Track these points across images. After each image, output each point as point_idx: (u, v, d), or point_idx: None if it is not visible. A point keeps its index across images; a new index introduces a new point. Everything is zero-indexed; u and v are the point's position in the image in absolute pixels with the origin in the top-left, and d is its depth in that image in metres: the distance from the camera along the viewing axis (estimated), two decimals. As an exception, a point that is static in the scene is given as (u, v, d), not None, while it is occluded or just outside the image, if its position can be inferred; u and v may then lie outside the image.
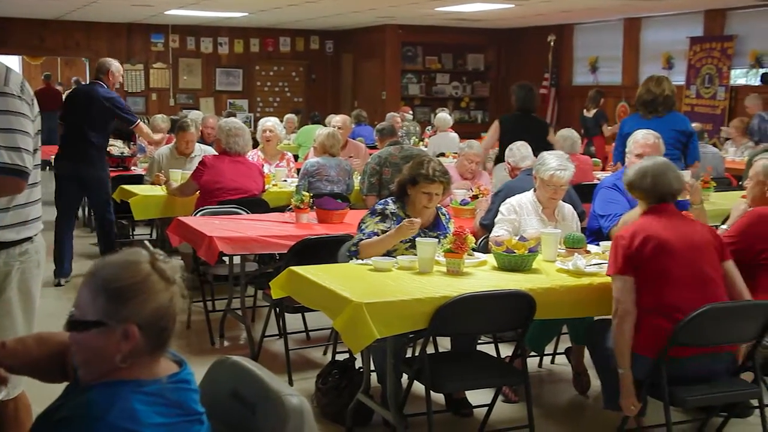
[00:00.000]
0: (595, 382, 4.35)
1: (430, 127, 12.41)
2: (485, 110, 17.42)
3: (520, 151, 5.86)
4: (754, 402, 3.96)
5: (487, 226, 5.27)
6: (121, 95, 7.67)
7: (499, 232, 4.67)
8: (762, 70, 12.07)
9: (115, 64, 6.93)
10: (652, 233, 3.57)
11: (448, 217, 4.55)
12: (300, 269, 3.95)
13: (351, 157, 7.95)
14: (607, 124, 12.24)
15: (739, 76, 12.48)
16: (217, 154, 6.56)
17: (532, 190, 4.82)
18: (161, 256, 1.93)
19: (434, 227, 4.36)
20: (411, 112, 13.81)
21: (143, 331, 1.84)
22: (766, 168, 4.05)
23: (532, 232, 4.28)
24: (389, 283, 3.71)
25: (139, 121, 7.18)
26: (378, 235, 4.24)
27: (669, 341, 3.43)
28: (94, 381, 1.87)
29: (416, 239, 4.01)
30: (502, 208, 4.82)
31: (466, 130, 14.44)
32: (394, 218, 4.30)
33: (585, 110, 12.28)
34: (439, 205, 4.48)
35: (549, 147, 6.16)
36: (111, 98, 6.82)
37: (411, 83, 16.94)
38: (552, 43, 15.35)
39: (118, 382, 1.84)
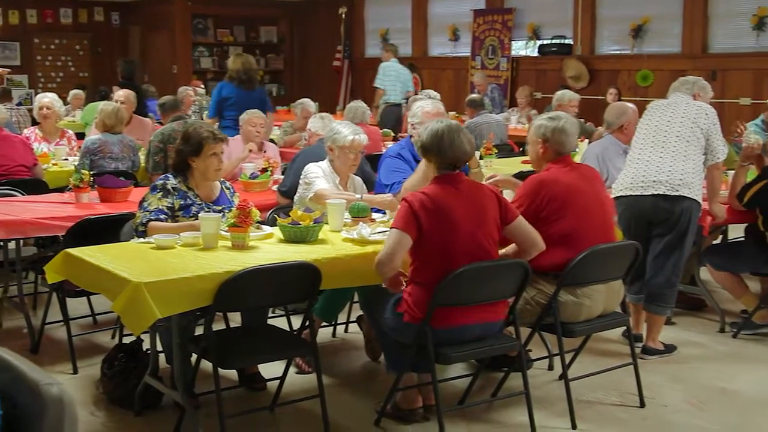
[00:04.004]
0: (386, 348, 4.45)
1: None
2: (280, 83, 17.35)
3: (323, 120, 6.02)
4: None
5: (286, 192, 5.29)
6: None
7: (323, 185, 4.71)
8: (539, 42, 12.73)
9: None
10: (442, 205, 3.59)
11: (232, 190, 4.50)
12: (76, 251, 3.76)
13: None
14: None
15: (520, 48, 13.10)
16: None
17: (327, 160, 4.86)
18: None
19: (218, 201, 4.29)
20: (203, 86, 13.46)
21: None
22: (537, 128, 4.21)
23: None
24: (171, 260, 3.60)
25: None
26: (163, 212, 4.13)
27: (430, 303, 3.53)
28: None
29: (199, 214, 3.92)
30: (314, 168, 4.84)
31: (261, 103, 14.29)
32: (177, 193, 4.19)
33: None
34: (222, 179, 4.43)
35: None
36: None
37: (203, 56, 16.57)
38: (343, 16, 15.46)
39: None
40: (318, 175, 4.79)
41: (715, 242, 6.02)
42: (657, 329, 4.90)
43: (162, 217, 4.12)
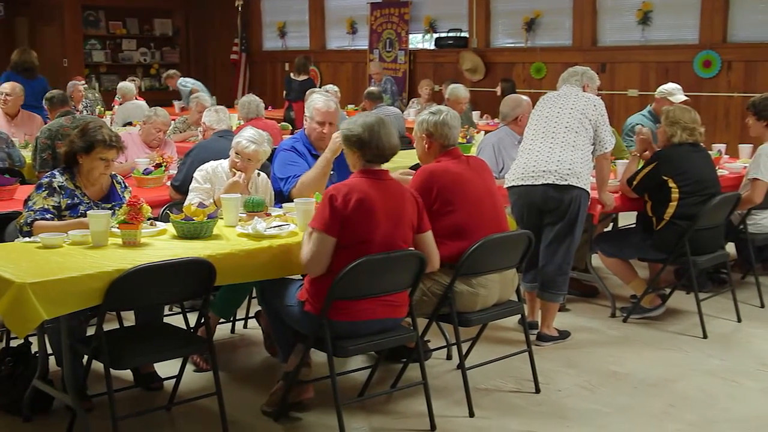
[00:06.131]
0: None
1: (118, 96, 11.85)
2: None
3: (218, 113, 5.96)
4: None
5: (179, 187, 5.20)
6: None
7: (193, 199, 4.59)
8: (436, 35, 12.85)
9: None
10: (365, 197, 3.58)
11: (124, 185, 4.39)
12: (-44, 252, 3.61)
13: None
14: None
15: (417, 41, 13.21)
16: None
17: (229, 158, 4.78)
18: None
19: (109, 198, 4.18)
20: (84, 80, 12.96)
21: None
22: (420, 124, 4.25)
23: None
24: (58, 259, 3.48)
25: None
26: (49, 211, 4.00)
27: (327, 296, 3.53)
28: None
29: (88, 212, 3.81)
30: (197, 175, 4.75)
31: (158, 97, 14.00)
32: (63, 191, 4.07)
33: (293, 74, 12.23)
34: (114, 173, 4.32)
35: None
36: None
37: (95, 50, 16.11)
38: (240, 8, 15.28)
39: None
40: (195, 187, 4.72)
41: (606, 230, 6.20)
42: (551, 316, 5.02)
43: (48, 216, 3.99)
